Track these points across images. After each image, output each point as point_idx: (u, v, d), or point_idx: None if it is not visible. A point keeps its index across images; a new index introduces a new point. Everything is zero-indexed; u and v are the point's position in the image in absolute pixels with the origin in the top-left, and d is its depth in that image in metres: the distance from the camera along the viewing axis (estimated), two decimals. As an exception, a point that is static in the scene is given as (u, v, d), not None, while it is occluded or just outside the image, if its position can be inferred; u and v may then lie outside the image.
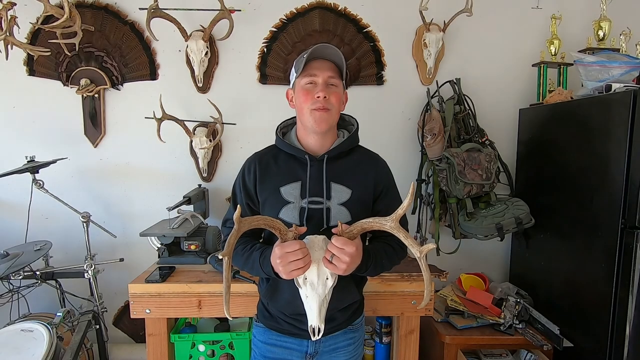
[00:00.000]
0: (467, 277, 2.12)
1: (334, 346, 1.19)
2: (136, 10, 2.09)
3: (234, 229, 0.91)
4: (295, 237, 0.98)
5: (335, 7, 2.15)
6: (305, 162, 1.11)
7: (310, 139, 1.12)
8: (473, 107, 2.16)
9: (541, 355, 1.78)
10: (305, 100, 1.06)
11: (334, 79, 1.07)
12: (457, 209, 2.10)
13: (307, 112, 1.06)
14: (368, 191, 1.13)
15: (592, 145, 1.67)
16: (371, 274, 1.10)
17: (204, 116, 2.17)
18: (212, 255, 1.73)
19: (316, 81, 1.05)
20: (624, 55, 1.78)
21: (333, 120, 1.09)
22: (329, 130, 1.11)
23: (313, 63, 1.06)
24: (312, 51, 1.03)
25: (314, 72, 1.05)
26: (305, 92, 1.06)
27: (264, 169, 1.13)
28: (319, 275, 0.98)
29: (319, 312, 0.97)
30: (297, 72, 1.07)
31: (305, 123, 1.09)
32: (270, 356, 1.19)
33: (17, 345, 1.49)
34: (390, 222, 0.95)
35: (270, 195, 1.10)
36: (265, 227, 0.96)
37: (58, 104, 2.14)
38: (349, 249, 0.94)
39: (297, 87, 1.09)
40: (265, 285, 1.17)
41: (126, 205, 2.23)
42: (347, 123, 1.25)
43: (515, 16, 2.21)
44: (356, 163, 1.15)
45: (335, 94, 1.07)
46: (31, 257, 1.75)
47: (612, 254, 1.54)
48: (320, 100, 1.04)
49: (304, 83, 1.06)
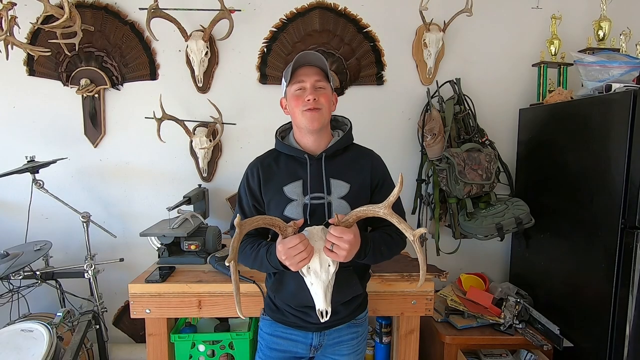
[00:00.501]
0: (467, 277, 2.12)
1: (338, 339, 1.23)
2: (136, 10, 2.09)
3: (236, 232, 0.96)
4: (294, 231, 1.04)
5: (335, 7, 2.15)
6: (304, 161, 1.18)
7: (307, 140, 1.19)
8: (473, 107, 2.16)
9: (541, 355, 1.78)
10: (296, 104, 1.13)
11: (321, 82, 1.14)
12: (457, 209, 2.10)
13: (299, 114, 1.13)
14: (365, 184, 1.20)
15: (592, 145, 1.67)
16: (371, 261, 1.15)
17: (204, 116, 2.17)
18: (212, 255, 1.73)
19: (305, 86, 1.13)
20: (624, 55, 1.78)
21: (325, 119, 1.16)
22: (323, 130, 1.18)
23: (300, 70, 1.14)
24: (296, 59, 1.11)
25: (301, 78, 1.13)
26: (296, 98, 1.14)
27: (266, 171, 1.20)
28: (321, 264, 1.05)
29: (325, 297, 1.04)
30: (287, 81, 1.15)
31: (299, 125, 1.16)
32: (276, 348, 1.24)
33: (17, 345, 1.49)
34: (384, 209, 1.01)
35: (275, 195, 1.17)
36: (265, 225, 1.03)
37: (58, 104, 2.14)
38: (347, 237, 1.01)
39: (289, 94, 1.17)
40: (271, 279, 1.23)
41: (126, 205, 2.23)
42: (340, 124, 1.32)
43: (515, 16, 2.21)
44: (352, 159, 1.22)
45: (323, 95, 1.14)
46: (31, 257, 1.75)
47: (612, 254, 1.54)
48: (310, 102, 1.11)
49: (294, 90, 1.14)
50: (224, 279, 1.60)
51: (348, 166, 1.20)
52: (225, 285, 1.56)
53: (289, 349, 1.23)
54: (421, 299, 1.59)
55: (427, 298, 1.59)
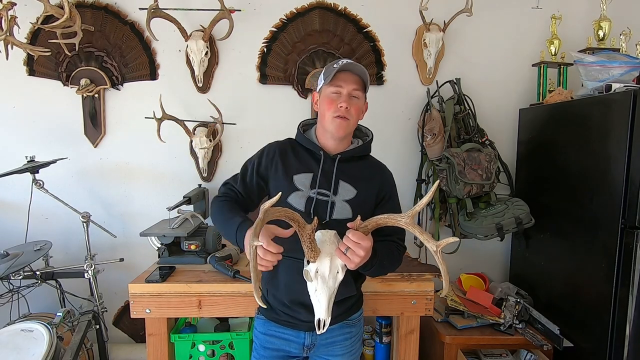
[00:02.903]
0: (467, 277, 2.12)
1: (331, 339, 1.23)
2: (136, 10, 2.09)
3: (259, 218, 0.91)
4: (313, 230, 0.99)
5: (335, 7, 2.15)
6: (319, 157, 1.20)
7: (327, 140, 1.21)
8: (473, 107, 2.16)
9: (541, 355, 1.78)
10: (328, 107, 1.15)
11: (358, 91, 1.16)
12: (457, 209, 2.10)
13: (329, 118, 1.15)
14: (372, 195, 1.21)
15: (592, 145, 1.67)
16: (371, 274, 1.15)
17: (204, 116, 2.17)
18: (212, 255, 1.72)
19: (341, 92, 1.15)
20: (624, 55, 1.78)
21: (351, 128, 1.19)
22: (346, 137, 1.22)
23: (340, 75, 1.15)
24: (342, 65, 1.13)
25: (340, 83, 1.15)
26: (330, 100, 1.16)
27: (282, 155, 1.22)
28: (330, 269, 1.01)
29: (328, 306, 1.00)
30: (326, 80, 1.16)
31: (326, 127, 1.18)
32: (270, 347, 1.24)
33: (17, 345, 1.49)
34: (406, 219, 0.98)
35: (284, 180, 1.18)
36: (285, 219, 0.97)
37: (58, 104, 2.14)
38: (365, 244, 0.99)
39: (323, 93, 1.18)
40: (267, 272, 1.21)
41: (126, 205, 2.23)
42: (362, 134, 1.34)
43: (515, 16, 2.22)
44: (365, 168, 1.25)
45: (356, 106, 1.17)
46: (31, 257, 1.75)
47: (612, 254, 1.54)
48: (342, 110, 1.13)
49: (330, 92, 1.16)
50: (224, 279, 1.60)
51: (359, 173, 1.22)
52: (225, 285, 1.56)
53: (282, 348, 1.23)
54: (421, 299, 1.59)
55: (427, 298, 1.59)
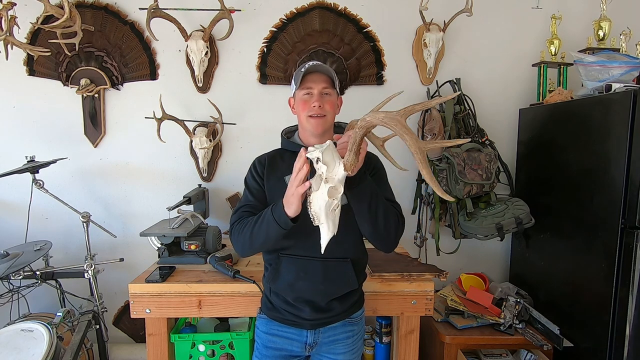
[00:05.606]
0: (467, 277, 2.12)
1: (333, 338, 1.25)
2: (136, 10, 2.09)
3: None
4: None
5: (335, 7, 2.15)
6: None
7: (309, 139, 1.26)
8: (473, 107, 2.16)
9: (541, 355, 1.78)
10: (303, 109, 1.21)
11: (328, 88, 1.22)
12: (457, 209, 2.10)
13: (305, 118, 1.21)
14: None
15: (592, 145, 1.67)
16: (366, 196, 1.10)
17: (204, 116, 2.17)
18: (212, 255, 1.73)
19: (312, 92, 1.20)
20: (624, 55, 1.77)
21: (329, 124, 1.24)
22: (326, 133, 1.25)
23: (309, 77, 1.21)
24: (307, 68, 1.20)
25: (309, 84, 1.20)
26: (303, 102, 1.21)
27: (271, 162, 1.28)
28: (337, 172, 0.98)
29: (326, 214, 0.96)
30: (297, 85, 1.22)
31: (304, 127, 1.24)
32: (272, 346, 1.26)
33: (17, 345, 1.49)
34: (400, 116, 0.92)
35: (276, 183, 1.23)
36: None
37: (58, 104, 2.14)
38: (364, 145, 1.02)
39: (297, 97, 1.24)
40: (269, 269, 1.26)
41: (126, 205, 2.23)
42: (342, 129, 1.35)
43: (515, 16, 2.21)
44: None
45: (329, 101, 1.22)
46: (31, 257, 1.75)
47: (612, 254, 1.54)
48: (316, 109, 1.19)
49: (302, 94, 1.22)
50: (224, 279, 1.61)
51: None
52: (225, 285, 1.57)
53: (284, 347, 1.25)
54: (421, 299, 1.59)
55: (427, 298, 1.59)
